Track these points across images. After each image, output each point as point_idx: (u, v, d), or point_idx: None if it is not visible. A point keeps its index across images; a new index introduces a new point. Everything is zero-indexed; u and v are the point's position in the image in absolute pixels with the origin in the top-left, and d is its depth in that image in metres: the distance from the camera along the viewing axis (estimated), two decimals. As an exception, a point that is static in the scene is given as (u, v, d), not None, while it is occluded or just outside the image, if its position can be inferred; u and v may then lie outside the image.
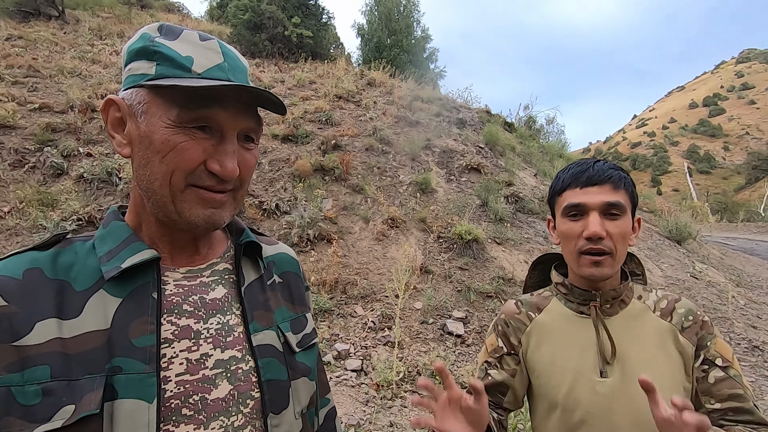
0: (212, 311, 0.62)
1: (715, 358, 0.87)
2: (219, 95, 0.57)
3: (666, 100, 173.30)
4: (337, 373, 3.38)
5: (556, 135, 14.08)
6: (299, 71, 11.54)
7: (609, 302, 0.92)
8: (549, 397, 0.92)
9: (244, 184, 0.64)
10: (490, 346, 1.03)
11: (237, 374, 0.60)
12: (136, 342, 0.54)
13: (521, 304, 1.03)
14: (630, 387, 0.85)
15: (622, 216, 0.88)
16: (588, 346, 0.90)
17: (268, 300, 0.70)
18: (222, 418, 0.57)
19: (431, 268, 5.10)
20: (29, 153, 5.95)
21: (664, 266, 6.95)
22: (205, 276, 0.65)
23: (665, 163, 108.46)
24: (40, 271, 0.55)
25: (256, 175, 6.31)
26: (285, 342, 0.68)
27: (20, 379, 0.49)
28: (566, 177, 0.93)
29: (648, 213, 10.22)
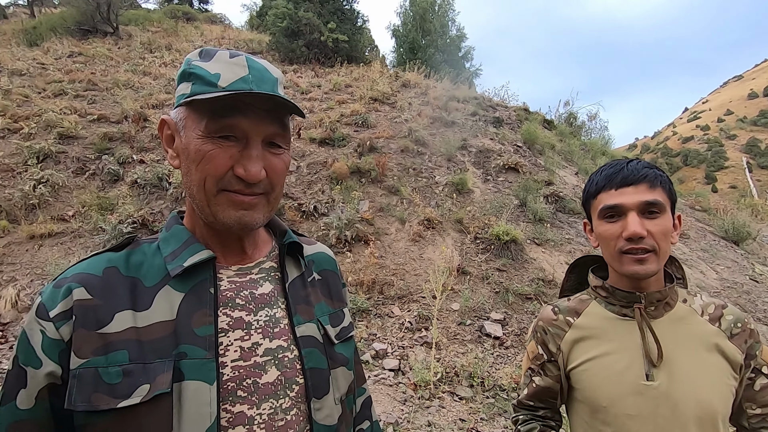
0: (261, 305, 0.69)
1: (762, 366, 0.87)
2: (241, 105, 0.62)
3: (721, 91, 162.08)
4: (375, 372, 3.43)
5: (598, 131, 13.54)
6: (335, 75, 11.76)
7: (654, 304, 0.90)
8: (592, 401, 0.91)
9: (276, 187, 0.69)
10: (531, 354, 1.04)
11: (284, 362, 0.67)
12: (197, 331, 0.62)
13: (558, 309, 1.02)
14: (678, 390, 0.84)
15: (662, 214, 0.86)
16: (633, 349, 0.88)
17: (309, 295, 0.76)
18: (271, 400, 0.64)
19: (468, 270, 5.06)
20: (89, 161, 6.43)
21: (719, 268, 6.54)
22: (254, 273, 0.72)
23: (721, 159, 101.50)
24: (116, 269, 0.64)
25: (295, 178, 6.50)
26: (325, 334, 0.74)
27: (105, 362, 0.57)
28: (600, 179, 0.92)
29: (701, 212, 9.63)
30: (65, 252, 4.91)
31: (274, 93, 0.66)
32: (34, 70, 9.67)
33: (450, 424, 2.92)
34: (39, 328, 0.58)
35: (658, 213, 0.86)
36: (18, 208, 5.33)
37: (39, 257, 4.83)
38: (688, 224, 8.13)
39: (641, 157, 3.71)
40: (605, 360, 0.91)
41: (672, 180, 2.90)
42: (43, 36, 12.51)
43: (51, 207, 5.53)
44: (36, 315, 0.59)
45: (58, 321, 0.58)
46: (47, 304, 0.59)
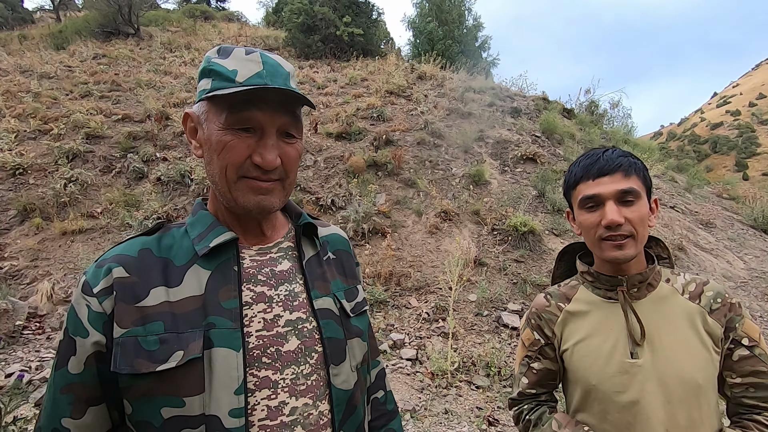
0: (281, 281, 0.76)
1: (741, 338, 0.91)
2: (257, 99, 0.68)
3: (753, 74, 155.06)
4: (393, 362, 3.49)
5: (621, 119, 13.20)
6: (351, 69, 11.79)
7: (636, 286, 0.94)
8: (583, 381, 0.95)
9: (290, 174, 0.75)
10: (527, 341, 1.08)
11: (303, 332, 0.73)
12: (224, 304, 0.69)
13: (550, 296, 1.07)
14: (661, 366, 0.88)
15: (638, 201, 0.90)
16: (618, 330, 0.93)
17: (325, 273, 0.82)
18: (293, 366, 0.71)
19: (485, 261, 5.06)
20: (115, 159, 6.66)
21: (747, 258, 6.34)
22: (273, 252, 0.79)
23: (753, 145, 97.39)
24: (149, 250, 0.72)
25: (312, 172, 6.59)
26: (341, 307, 0.80)
27: (143, 332, 0.64)
28: (578, 170, 0.96)
29: (728, 200, 9.33)
30: (95, 247, 5.13)
31: (287, 86, 0.71)
32: (61, 73, 10.02)
33: (467, 411, 2.96)
34: (85, 303, 0.66)
35: (633, 200, 0.90)
36: (50, 206, 5.58)
37: (71, 252, 5.06)
38: (714, 213, 7.89)
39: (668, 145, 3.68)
40: (593, 341, 0.95)
41: (699, 168, 2.90)
42: (68, 39, 12.93)
43: (81, 204, 5.77)
44: (82, 291, 0.67)
45: (101, 296, 0.65)
46: (91, 282, 0.67)
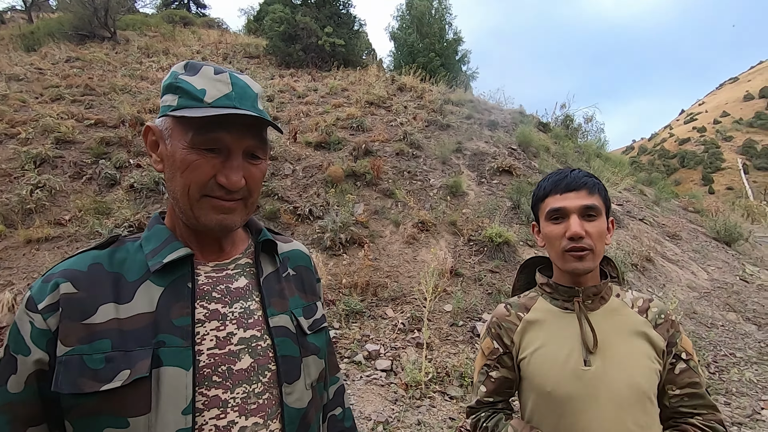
0: (236, 298, 0.75)
1: (681, 353, 0.99)
2: (225, 121, 0.69)
3: (717, 93, 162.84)
4: (368, 373, 3.48)
5: (594, 134, 13.63)
6: (332, 79, 11.84)
7: (590, 298, 1.01)
8: (539, 388, 0.99)
9: (254, 193, 0.76)
10: (487, 350, 1.12)
11: (257, 350, 0.73)
12: (176, 322, 0.68)
13: (510, 306, 1.12)
14: (610, 373, 0.93)
15: (598, 217, 0.98)
16: (573, 338, 0.98)
17: (283, 289, 0.82)
18: (245, 385, 0.70)
19: (461, 271, 5.12)
20: (86, 165, 6.48)
21: (710, 269, 6.61)
22: (230, 269, 0.79)
23: (717, 160, 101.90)
24: (100, 265, 0.70)
25: (290, 182, 6.56)
26: (298, 325, 0.80)
27: (89, 349, 0.63)
28: (547, 185, 1.03)
29: (694, 213, 9.72)
30: (61, 256, 4.96)
31: (255, 108, 0.73)
32: (31, 75, 9.73)
33: (440, 422, 2.97)
34: (28, 319, 0.64)
35: (595, 216, 0.98)
36: (15, 213, 5.37)
37: (36, 261, 4.87)
38: (680, 225, 8.21)
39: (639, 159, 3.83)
40: (549, 349, 1.00)
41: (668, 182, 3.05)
42: (40, 41, 12.58)
43: (48, 211, 5.58)
44: (25, 307, 0.65)
45: (46, 313, 0.64)
46: (36, 298, 0.65)
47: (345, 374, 3.43)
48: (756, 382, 3.95)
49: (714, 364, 4.26)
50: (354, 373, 3.49)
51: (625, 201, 8.47)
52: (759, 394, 3.75)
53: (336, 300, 4.44)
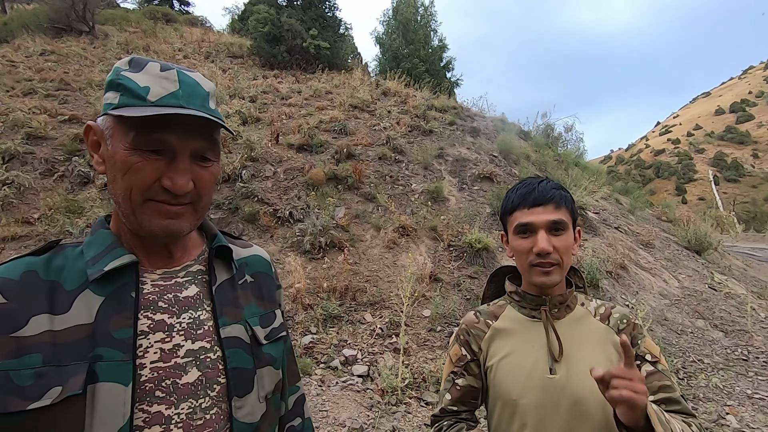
0: (185, 307, 0.71)
1: (645, 354, 0.99)
2: (169, 121, 0.65)
3: (690, 107, 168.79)
4: (344, 378, 3.45)
5: (574, 143, 13.93)
6: (316, 82, 11.80)
7: (557, 306, 1.02)
8: (505, 396, 0.99)
9: (204, 197, 0.72)
10: (455, 356, 1.12)
11: (206, 362, 0.69)
12: (115, 334, 0.64)
13: (480, 314, 1.12)
14: (575, 382, 0.94)
15: (566, 231, 0.99)
16: (539, 347, 0.99)
17: (238, 297, 0.79)
18: (191, 399, 0.66)
19: (441, 277, 5.14)
20: (58, 162, 6.27)
21: (681, 277, 6.81)
22: (180, 277, 0.74)
23: (690, 171, 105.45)
24: (35, 273, 0.65)
25: (271, 183, 6.49)
26: (252, 335, 0.77)
27: (17, 365, 0.58)
28: (515, 197, 1.03)
29: (666, 223, 10.02)
30: (29, 256, 4.77)
31: (205, 109, 0.69)
32: (2, 68, 9.38)
33: (415, 428, 2.96)
34: None
35: (562, 230, 0.98)
36: (-20, 210, 5.16)
37: (1, 261, 4.68)
38: (653, 234, 8.43)
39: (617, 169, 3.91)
40: (516, 357, 1.00)
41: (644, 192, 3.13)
42: (14, 33, 12.15)
43: (15, 209, 5.37)
44: None
45: None
46: None
47: (321, 380, 3.40)
48: (722, 387, 4.07)
49: (683, 370, 4.38)
50: (330, 378, 3.46)
51: (601, 209, 8.67)
52: (724, 399, 3.87)
53: (314, 304, 4.40)
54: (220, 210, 5.84)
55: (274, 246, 5.37)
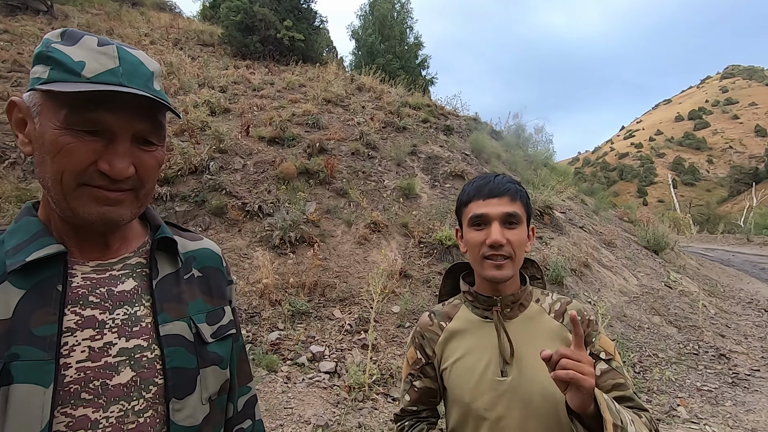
0: (119, 302, 0.66)
1: (599, 352, 0.98)
2: (108, 99, 0.59)
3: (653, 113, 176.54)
4: (310, 375, 3.41)
5: (544, 144, 14.30)
6: (290, 74, 11.58)
7: (509, 306, 1.01)
8: (459, 399, 0.99)
9: (146, 184, 0.67)
10: (411, 359, 1.10)
11: (141, 362, 0.64)
12: (36, 331, 0.58)
13: (434, 315, 1.10)
14: (525, 383, 0.93)
15: (519, 225, 0.97)
16: (491, 348, 0.98)
17: (182, 293, 0.74)
18: (122, 402, 0.62)
19: (411, 273, 5.16)
20: (10, 149, 5.89)
21: (639, 275, 7.11)
22: (116, 269, 0.69)
23: (651, 174, 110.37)
24: None
25: (240, 176, 6.33)
26: (197, 332, 0.72)
27: None
28: (471, 189, 1.02)
29: (628, 223, 10.43)
30: (-26, 247, 4.47)
31: (149, 88, 0.64)
32: (-52, 46, 8.73)
33: (381, 425, 2.96)
34: None
35: (516, 224, 0.97)
36: None
37: (-58, 252, 4.37)
38: (615, 234, 8.77)
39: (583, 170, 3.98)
40: (469, 359, 0.99)
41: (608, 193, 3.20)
42: (-38, 8, 11.32)
43: (-40, 197, 5.01)
44: None
45: None
46: None
47: (287, 377, 3.34)
48: (674, 380, 4.29)
49: (639, 364, 4.58)
50: (296, 375, 3.41)
51: (567, 209, 8.94)
52: (676, 391, 4.08)
53: (281, 300, 4.33)
54: (186, 202, 5.65)
55: (241, 240, 5.25)
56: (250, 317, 4.15)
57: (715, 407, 3.76)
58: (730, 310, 6.73)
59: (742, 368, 4.66)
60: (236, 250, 5.08)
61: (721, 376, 4.45)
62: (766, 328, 6.07)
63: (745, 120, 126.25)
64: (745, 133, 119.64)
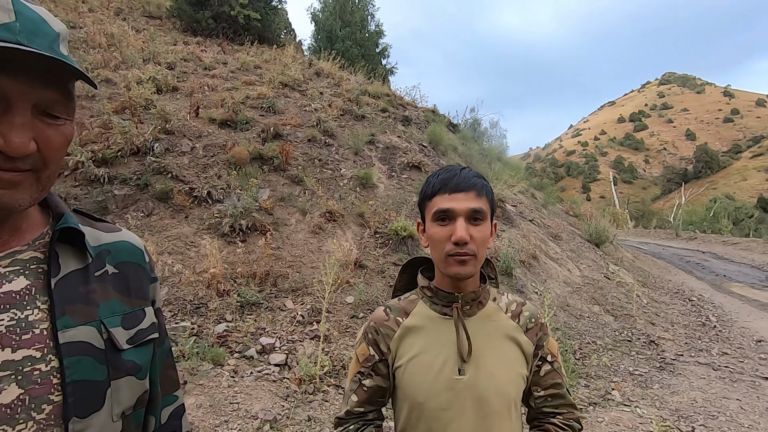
0: (5, 306, 0.55)
1: (547, 355, 1.02)
2: (1, 59, 0.49)
3: (598, 114, 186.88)
4: (259, 368, 3.30)
5: (498, 139, 14.71)
6: (244, 54, 11.07)
7: (469, 303, 0.99)
8: (411, 398, 0.95)
9: (50, 164, 0.57)
10: (362, 356, 1.04)
11: (31, 376, 0.54)
12: None
13: (390, 310, 1.05)
14: (482, 382, 0.92)
15: (484, 221, 0.95)
16: (449, 346, 0.95)
17: (92, 293, 0.63)
18: (4, 426, 0.52)
19: (365, 263, 5.13)
20: None
21: (582, 267, 7.52)
22: (2, 266, 0.58)
23: (595, 172, 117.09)
24: None
25: (188, 160, 5.98)
26: (109, 338, 0.62)
27: None
28: (436, 182, 0.97)
29: (573, 217, 10.96)
30: None
31: (54, 51, 0.53)
32: None
33: (331, 417, 2.92)
34: None
35: (481, 220, 0.94)
36: None
37: None
38: (562, 227, 9.20)
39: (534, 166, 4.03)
40: (425, 357, 0.96)
41: (556, 188, 3.24)
42: None
43: None
44: None
45: None
46: None
47: (234, 371, 3.21)
48: (610, 366, 4.57)
49: (579, 351, 4.84)
50: (244, 368, 3.29)
51: (518, 203, 9.26)
52: (611, 376, 4.35)
53: (230, 290, 4.15)
54: (126, 186, 5.26)
55: (188, 227, 4.98)
56: (196, 308, 3.95)
57: (645, 390, 4.05)
58: (660, 299, 7.30)
59: (669, 353, 5.06)
60: (182, 237, 4.81)
61: (650, 361, 4.81)
62: (690, 316, 6.64)
63: (678, 124, 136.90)
64: (678, 136, 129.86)
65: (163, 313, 3.80)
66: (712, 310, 6.92)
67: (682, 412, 3.61)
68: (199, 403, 2.79)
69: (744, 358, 5.02)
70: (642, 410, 3.60)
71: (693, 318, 6.51)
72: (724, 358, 5.01)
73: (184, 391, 2.87)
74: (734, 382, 4.31)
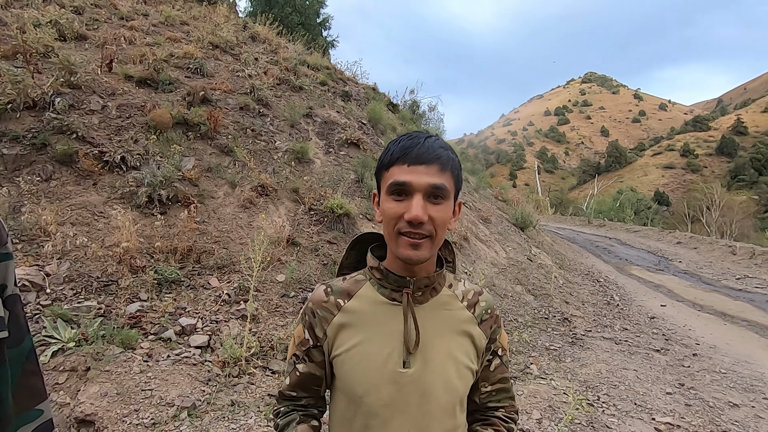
0: None
1: (498, 349, 0.96)
2: None
3: (528, 105, 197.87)
4: (177, 351, 3.04)
5: (435, 122, 14.91)
6: (169, 7, 9.97)
7: (421, 290, 0.89)
8: (350, 391, 0.86)
9: None
10: (298, 339, 0.95)
11: None
12: None
13: (330, 290, 0.94)
14: (428, 376, 0.84)
15: (446, 200, 0.83)
16: (395, 336, 0.86)
17: None
18: None
19: (299, 241, 4.94)
20: None
21: (508, 249, 7.94)
22: None
23: (521, 160, 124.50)
24: None
25: (98, 119, 5.28)
26: None
27: None
28: (396, 149, 0.84)
29: (501, 202, 11.51)
30: None
31: None
32: None
33: (257, 400, 2.78)
34: None
35: (442, 199, 0.82)
36: None
37: None
38: (491, 211, 9.62)
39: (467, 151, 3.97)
40: (368, 347, 0.86)
41: (486, 174, 3.19)
42: None
43: None
44: None
45: None
46: None
47: (147, 354, 2.92)
48: (529, 342, 4.89)
49: (502, 328, 5.12)
50: (160, 352, 3.01)
51: (453, 186, 9.51)
52: (530, 351, 4.65)
53: (146, 267, 3.77)
54: (19, 144, 4.53)
55: (97, 196, 4.42)
56: (104, 286, 3.54)
57: (559, 364, 4.39)
58: (573, 280, 7.95)
59: (579, 329, 5.53)
60: (89, 206, 4.27)
61: (564, 336, 5.22)
62: (598, 295, 7.32)
63: (595, 121, 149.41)
64: (594, 132, 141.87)
65: (58, 293, 3.36)
66: (615, 290, 7.69)
67: (590, 383, 3.96)
68: (104, 392, 2.50)
69: (640, 333, 5.64)
70: (556, 383, 3.89)
71: (600, 297, 7.19)
72: (624, 333, 5.58)
73: (72, 394, 2.55)
74: (632, 355, 4.82)
